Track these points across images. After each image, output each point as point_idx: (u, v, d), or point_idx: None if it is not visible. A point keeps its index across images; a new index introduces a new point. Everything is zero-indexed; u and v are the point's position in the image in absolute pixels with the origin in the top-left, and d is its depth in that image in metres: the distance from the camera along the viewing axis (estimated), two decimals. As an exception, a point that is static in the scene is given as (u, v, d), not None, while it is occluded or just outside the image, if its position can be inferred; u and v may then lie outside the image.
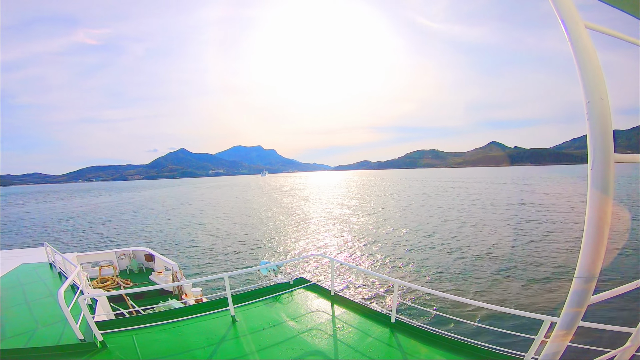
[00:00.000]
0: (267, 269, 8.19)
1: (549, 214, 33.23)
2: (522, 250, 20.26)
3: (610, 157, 1.18)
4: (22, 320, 6.08)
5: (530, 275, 15.83)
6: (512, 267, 17.11)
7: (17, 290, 8.13)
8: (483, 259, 18.73)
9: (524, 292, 13.97)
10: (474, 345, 4.95)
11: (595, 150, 1.17)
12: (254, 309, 6.58)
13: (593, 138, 1.16)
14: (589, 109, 1.14)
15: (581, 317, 1.36)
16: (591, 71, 1.11)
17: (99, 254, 13.90)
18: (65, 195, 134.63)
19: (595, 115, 1.14)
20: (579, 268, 1.30)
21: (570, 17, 1.02)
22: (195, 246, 25.10)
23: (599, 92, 1.13)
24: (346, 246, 23.43)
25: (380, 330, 5.65)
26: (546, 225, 27.83)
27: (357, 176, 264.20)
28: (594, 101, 1.13)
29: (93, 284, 11.34)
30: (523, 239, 23.29)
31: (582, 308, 1.33)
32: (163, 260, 12.86)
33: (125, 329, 5.58)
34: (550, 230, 25.69)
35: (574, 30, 1.06)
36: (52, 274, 9.90)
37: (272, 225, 33.57)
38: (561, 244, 21.31)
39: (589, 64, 1.10)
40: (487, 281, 15.34)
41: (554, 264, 17.30)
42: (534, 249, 20.41)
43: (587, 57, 1.10)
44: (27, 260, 11.75)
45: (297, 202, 57.30)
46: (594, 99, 1.13)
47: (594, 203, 1.23)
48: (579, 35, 1.07)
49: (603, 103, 1.13)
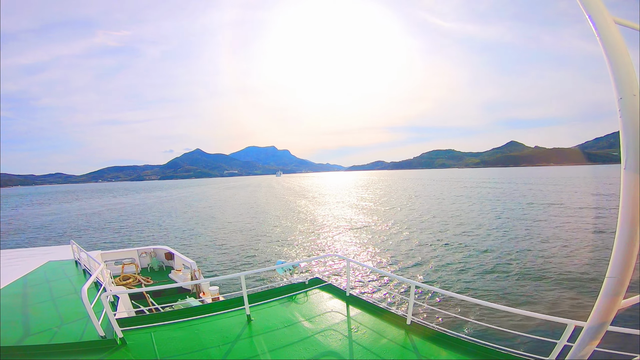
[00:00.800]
0: (283, 268, 8.17)
1: (585, 218, 31.11)
2: (548, 254, 19.46)
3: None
4: (48, 317, 6.24)
5: (555, 278, 15.18)
6: (534, 270, 16.47)
7: (43, 287, 8.42)
8: (505, 262, 18.13)
9: (548, 295, 13.40)
10: (491, 349, 4.78)
11: (628, 148, 1.12)
12: (269, 309, 6.58)
13: (626, 136, 1.11)
14: (621, 105, 1.09)
15: (610, 321, 1.31)
16: (622, 67, 1.05)
17: (121, 252, 14.29)
18: (84, 195, 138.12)
19: (629, 112, 1.08)
20: (610, 268, 1.24)
21: (598, 13, 0.97)
22: (215, 245, 25.61)
23: (632, 88, 1.07)
24: (363, 247, 23.25)
25: (396, 331, 5.53)
26: (580, 230, 26.30)
27: (374, 176, 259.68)
28: (627, 97, 1.08)
29: (115, 281, 11.66)
30: (552, 242, 22.35)
31: (612, 312, 1.28)
32: (182, 258, 13.11)
33: (144, 327, 5.71)
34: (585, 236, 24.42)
35: (602, 26, 1.00)
36: (77, 271, 10.21)
37: (289, 225, 33.78)
38: (596, 251, 20.25)
39: (619, 60, 1.05)
40: (508, 284, 14.83)
41: (581, 269, 16.51)
42: (562, 253, 19.54)
43: (617, 53, 1.04)
44: (53, 258, 12.19)
45: (313, 204, 57.32)
46: (627, 95, 1.07)
47: (627, 203, 1.17)
48: (608, 31, 1.01)
49: (636, 99, 1.08)
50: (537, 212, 36.17)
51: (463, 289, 14.52)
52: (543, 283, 14.72)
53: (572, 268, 16.48)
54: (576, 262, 17.45)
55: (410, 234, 26.69)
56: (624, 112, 1.08)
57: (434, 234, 26.60)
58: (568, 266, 16.80)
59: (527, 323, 10.38)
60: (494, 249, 20.95)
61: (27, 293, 8.01)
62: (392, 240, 24.84)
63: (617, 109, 1.09)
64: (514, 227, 27.88)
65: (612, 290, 1.24)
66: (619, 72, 1.06)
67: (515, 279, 15.33)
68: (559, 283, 14.59)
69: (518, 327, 9.82)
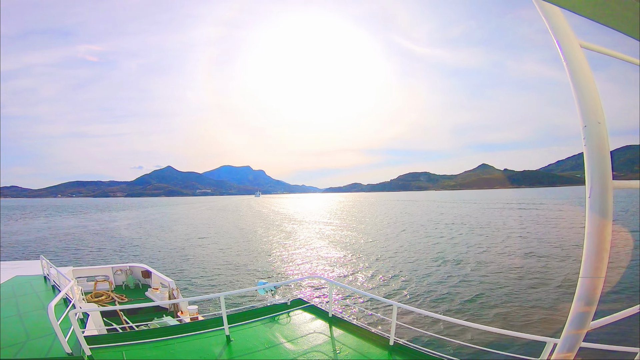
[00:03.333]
0: (265, 289, 7.90)
1: (558, 239, 31.32)
2: (525, 271, 19.75)
3: (609, 184, 1.12)
4: (14, 332, 5.90)
5: (534, 296, 15.31)
6: (514, 289, 16.60)
7: (10, 302, 7.95)
8: (487, 282, 18.23)
9: (526, 314, 13.43)
10: None
11: (592, 176, 1.11)
12: (250, 329, 6.30)
13: (591, 164, 1.09)
14: (585, 133, 1.07)
15: (582, 339, 1.32)
16: (587, 94, 1.03)
17: (95, 269, 13.54)
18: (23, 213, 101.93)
19: (593, 140, 1.07)
20: (578, 292, 1.26)
21: (565, 37, 0.96)
22: (193, 266, 24.47)
23: (596, 116, 1.05)
24: (345, 268, 22.85)
25: (379, 352, 5.40)
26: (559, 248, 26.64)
27: (351, 198, 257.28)
28: (591, 125, 1.06)
29: (87, 298, 10.97)
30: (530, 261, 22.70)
31: (582, 331, 1.29)
32: (160, 277, 12.46)
33: (115, 345, 5.33)
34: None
35: (569, 50, 0.99)
36: (46, 287, 9.65)
37: (271, 247, 32.98)
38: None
39: (585, 87, 1.03)
40: (489, 303, 14.82)
41: (560, 286, 16.81)
42: (540, 270, 19.87)
43: (583, 79, 1.03)
44: (21, 273, 11.46)
45: (296, 225, 56.58)
46: (591, 123, 1.06)
47: (592, 229, 1.17)
48: (574, 56, 1.00)
49: (600, 127, 1.06)
50: (525, 232, 36.50)
51: (445, 309, 14.36)
52: (524, 301, 14.78)
53: (553, 285, 16.73)
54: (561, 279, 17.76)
55: (395, 255, 26.59)
56: (589, 140, 1.06)
57: (419, 253, 26.64)
58: (552, 283, 17.04)
59: (509, 342, 10.28)
60: (478, 269, 21.09)
61: None
62: (374, 261, 24.60)
63: (582, 137, 1.07)
64: (502, 248, 28.20)
65: (580, 313, 1.27)
66: (584, 99, 1.04)
67: (498, 298, 15.34)
68: (541, 300, 14.70)
69: (500, 347, 9.69)
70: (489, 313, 13.79)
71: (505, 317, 13.31)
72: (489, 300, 15.31)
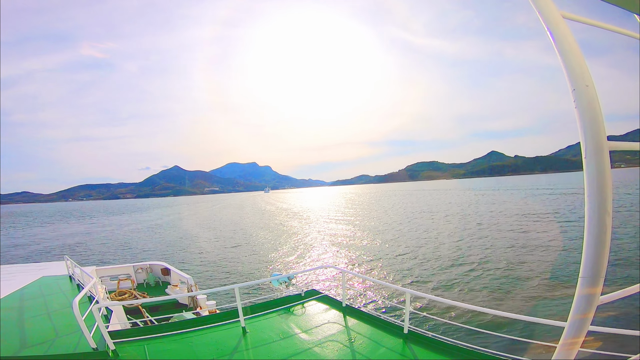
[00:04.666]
0: (278, 280, 7.98)
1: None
2: (544, 255, 19.32)
3: (604, 143, 1.12)
4: (44, 330, 6.13)
5: (552, 281, 14.99)
6: (530, 273, 16.30)
7: (38, 301, 8.27)
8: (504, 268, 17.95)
9: (545, 298, 13.19)
10: (489, 355, 4.64)
11: (587, 137, 1.12)
12: (265, 321, 6.40)
13: (583, 126, 1.11)
14: (575, 96, 1.10)
15: (590, 320, 1.23)
16: (573, 59, 1.08)
17: (117, 268, 13.86)
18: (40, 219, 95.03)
19: (583, 102, 1.10)
20: (583, 267, 1.19)
21: (546, 8, 1.01)
22: (212, 261, 24.90)
23: (584, 80, 1.09)
24: (358, 258, 22.88)
25: (393, 341, 5.40)
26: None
27: (362, 190, 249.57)
28: (580, 89, 1.09)
29: (111, 296, 11.29)
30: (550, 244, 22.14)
31: (590, 310, 1.21)
32: (179, 274, 12.76)
33: (137, 339, 5.51)
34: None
35: (551, 21, 1.04)
36: (72, 286, 9.94)
37: (285, 239, 33.21)
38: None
39: (569, 53, 1.07)
40: (505, 288, 14.61)
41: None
42: (557, 255, 19.41)
43: (567, 46, 1.07)
44: (48, 273, 11.84)
45: (307, 217, 56.53)
46: (579, 86, 1.09)
47: (592, 193, 1.15)
48: (556, 26, 1.05)
49: (589, 90, 1.09)
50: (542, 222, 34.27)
51: (460, 296, 14.27)
52: (543, 286, 14.50)
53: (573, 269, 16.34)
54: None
55: (408, 243, 26.47)
56: (579, 102, 1.10)
57: (437, 241, 26.41)
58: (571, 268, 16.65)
59: (527, 327, 10.12)
60: (496, 254, 20.77)
61: (22, 306, 7.83)
62: (387, 250, 24.57)
63: (572, 100, 1.10)
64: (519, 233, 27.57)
65: (587, 290, 1.20)
66: (571, 64, 1.08)
67: (515, 284, 15.10)
68: (559, 285, 14.40)
69: (517, 332, 9.58)
70: (510, 298, 13.61)
71: (527, 302, 13.08)
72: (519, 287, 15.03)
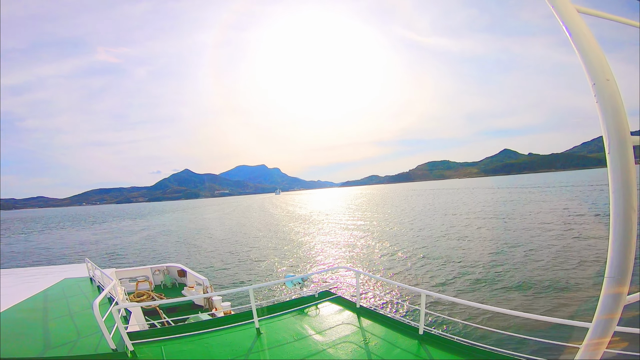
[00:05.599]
0: (292, 282, 7.96)
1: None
2: (566, 255, 18.59)
3: (627, 138, 1.08)
4: (66, 331, 6.25)
5: (575, 281, 14.39)
6: (552, 273, 15.72)
7: (61, 303, 8.45)
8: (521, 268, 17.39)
9: (567, 298, 12.68)
10: (506, 356, 4.49)
11: (609, 131, 1.08)
12: (279, 322, 6.39)
13: (606, 120, 1.07)
14: (596, 91, 1.07)
15: (617, 320, 1.19)
16: (591, 53, 1.05)
17: (135, 270, 14.10)
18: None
19: (605, 96, 1.06)
20: (608, 266, 1.15)
21: (560, 3, 0.99)
22: (227, 263, 25.16)
23: (604, 73, 1.05)
24: (372, 258, 22.64)
25: (408, 342, 5.31)
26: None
27: (374, 191, 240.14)
28: (600, 83, 1.06)
29: (130, 298, 11.51)
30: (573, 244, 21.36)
31: (617, 310, 1.17)
32: (195, 275, 12.91)
33: (155, 340, 5.60)
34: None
35: (566, 16, 1.02)
36: (92, 288, 10.16)
37: (300, 240, 33.25)
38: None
39: (587, 47, 1.05)
40: (525, 288, 14.13)
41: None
42: (581, 255, 18.61)
43: (584, 41, 1.04)
44: (69, 275, 12.12)
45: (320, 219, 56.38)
46: (600, 80, 1.06)
47: (616, 189, 1.11)
48: (572, 21, 1.03)
49: (610, 84, 1.06)
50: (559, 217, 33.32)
51: (477, 296, 13.89)
52: (562, 286, 13.97)
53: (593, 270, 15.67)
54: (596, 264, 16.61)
55: (421, 244, 26.01)
56: (600, 97, 1.06)
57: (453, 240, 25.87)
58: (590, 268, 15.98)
59: (548, 329, 9.78)
60: (513, 253, 20.16)
61: (46, 308, 8.05)
62: (401, 250, 24.19)
63: (593, 94, 1.07)
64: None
65: (613, 289, 1.18)
66: (589, 58, 1.05)
67: (533, 284, 14.60)
68: (579, 286, 13.82)
69: (536, 333, 9.24)
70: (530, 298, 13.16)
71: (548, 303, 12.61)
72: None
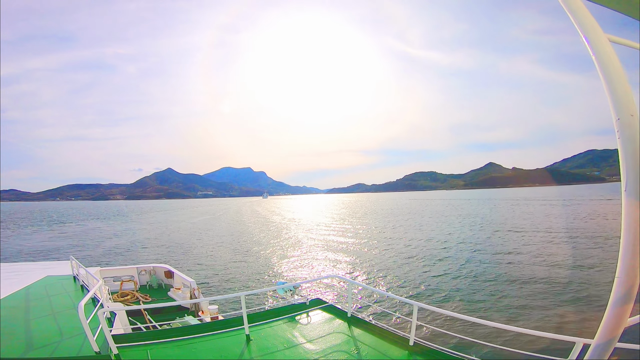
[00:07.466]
0: (284, 289, 7.80)
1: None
2: (554, 271, 18.73)
3: None
4: (49, 331, 5.97)
5: (561, 297, 14.45)
6: (539, 288, 15.78)
7: (44, 301, 8.04)
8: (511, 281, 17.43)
9: (553, 313, 12.69)
10: None
11: (628, 170, 1.03)
12: (269, 329, 6.20)
13: (626, 157, 1.02)
14: (619, 126, 1.02)
15: (617, 338, 1.22)
16: (619, 87, 0.98)
17: (120, 269, 13.64)
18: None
19: (627, 132, 1.00)
20: (614, 291, 1.18)
21: (592, 31, 0.91)
22: (215, 267, 24.54)
23: (629, 109, 1.00)
24: (364, 268, 22.44)
25: (399, 352, 5.20)
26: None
27: (360, 199, 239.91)
28: (625, 118, 1.00)
29: (114, 297, 11.08)
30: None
31: (618, 330, 1.20)
32: (182, 277, 12.49)
33: (140, 344, 5.37)
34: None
35: (597, 45, 0.93)
36: (76, 287, 9.72)
37: (289, 248, 32.84)
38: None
39: (616, 80, 0.97)
40: (513, 303, 14.12)
41: (589, 285, 15.80)
42: (567, 269, 18.81)
43: (613, 73, 0.97)
44: (52, 273, 11.59)
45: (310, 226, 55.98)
46: (624, 115, 1.00)
47: (629, 226, 1.07)
48: (603, 50, 0.95)
49: (633, 120, 1.00)
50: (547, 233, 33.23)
51: (468, 309, 13.81)
52: (550, 301, 14.02)
53: (581, 286, 15.77)
54: (585, 280, 16.75)
55: (415, 255, 25.95)
56: (622, 133, 1.00)
57: (442, 252, 25.87)
58: (577, 283, 16.09)
59: (535, 343, 9.73)
60: (501, 268, 20.22)
61: (27, 306, 7.61)
62: (394, 261, 24.04)
63: (615, 130, 1.01)
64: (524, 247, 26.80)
65: (617, 309, 1.20)
66: (617, 92, 0.99)
67: (522, 298, 14.63)
68: (566, 300, 13.89)
69: (525, 347, 9.17)
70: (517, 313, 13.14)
71: (534, 317, 12.62)
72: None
